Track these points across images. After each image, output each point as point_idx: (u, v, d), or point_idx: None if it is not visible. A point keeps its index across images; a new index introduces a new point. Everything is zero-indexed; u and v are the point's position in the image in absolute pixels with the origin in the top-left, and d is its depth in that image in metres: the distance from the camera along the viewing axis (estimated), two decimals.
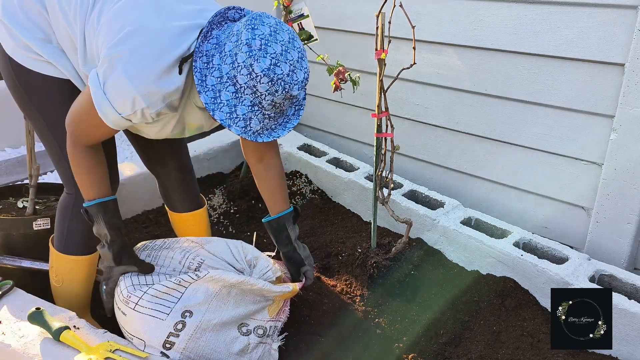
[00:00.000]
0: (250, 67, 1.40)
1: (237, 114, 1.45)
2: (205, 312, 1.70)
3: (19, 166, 3.39)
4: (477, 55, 2.47)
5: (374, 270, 2.19)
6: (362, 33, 2.82)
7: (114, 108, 1.50)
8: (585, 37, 2.13)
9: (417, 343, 1.94)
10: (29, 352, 1.60)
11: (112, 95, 1.49)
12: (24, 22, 1.66)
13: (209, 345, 1.69)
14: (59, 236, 1.86)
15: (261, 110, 1.46)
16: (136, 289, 1.72)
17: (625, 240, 2.19)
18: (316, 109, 3.30)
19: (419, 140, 2.82)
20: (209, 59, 1.46)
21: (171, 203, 2.18)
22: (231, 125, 1.46)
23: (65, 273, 1.88)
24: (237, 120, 1.46)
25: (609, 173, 2.17)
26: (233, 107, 1.45)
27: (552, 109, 2.31)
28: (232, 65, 1.42)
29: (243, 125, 1.46)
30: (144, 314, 1.67)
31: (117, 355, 1.57)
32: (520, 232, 2.27)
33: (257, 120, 1.47)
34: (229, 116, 1.45)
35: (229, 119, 1.45)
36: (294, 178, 2.94)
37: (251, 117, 1.46)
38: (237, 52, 1.41)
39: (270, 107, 1.46)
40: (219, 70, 1.44)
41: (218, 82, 1.45)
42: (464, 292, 2.15)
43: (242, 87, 1.43)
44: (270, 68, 1.40)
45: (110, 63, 1.47)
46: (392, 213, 2.17)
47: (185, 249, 1.92)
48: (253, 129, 1.48)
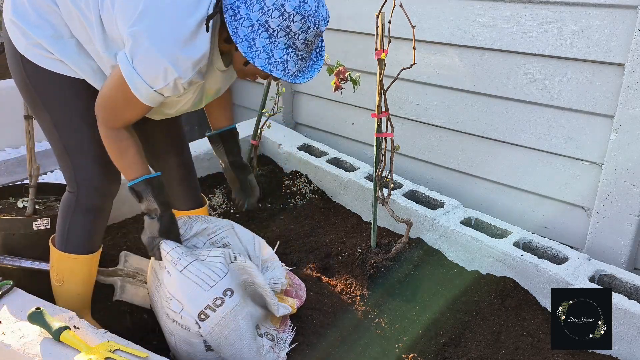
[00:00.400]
0: (282, 8, 1.45)
1: (274, 58, 1.50)
2: (241, 297, 1.74)
3: (19, 166, 3.39)
4: (477, 55, 2.47)
5: (374, 270, 2.19)
6: (362, 33, 2.82)
7: (146, 83, 1.53)
8: (585, 37, 2.13)
9: (417, 343, 1.94)
10: (29, 352, 1.60)
11: (143, 70, 1.52)
12: (35, 21, 1.67)
13: (237, 331, 1.71)
14: (60, 235, 1.86)
15: (295, 52, 1.51)
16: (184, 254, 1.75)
17: (625, 240, 2.19)
18: (316, 109, 3.30)
19: (419, 140, 2.82)
20: (235, 11, 1.48)
21: (172, 201, 2.17)
22: (272, 70, 1.50)
23: (66, 272, 1.88)
24: (276, 64, 1.50)
25: (609, 173, 2.17)
26: (270, 52, 1.49)
27: (552, 109, 2.31)
28: (261, 11, 1.45)
29: (282, 68, 1.51)
30: (190, 279, 1.70)
31: (117, 355, 1.57)
32: (520, 232, 2.27)
33: (292, 62, 1.53)
34: (267, 61, 1.49)
35: (268, 64, 1.49)
36: (294, 178, 2.94)
37: (287, 60, 1.51)
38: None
39: (303, 47, 1.52)
40: (249, 20, 1.47)
41: (250, 31, 1.47)
42: (464, 292, 2.15)
43: (275, 31, 1.47)
44: (300, 5, 1.46)
45: (134, 40, 1.50)
46: (392, 213, 2.17)
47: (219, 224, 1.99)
48: (290, 71, 1.54)
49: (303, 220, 2.64)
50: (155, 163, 2.11)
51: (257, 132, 2.84)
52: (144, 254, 2.32)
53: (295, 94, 3.38)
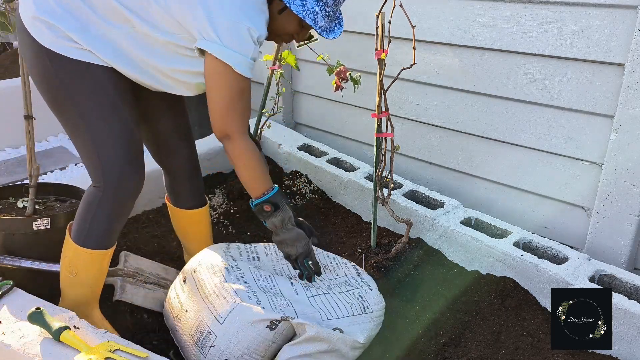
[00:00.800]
0: None
1: (307, 7, 1.66)
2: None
3: (19, 166, 3.39)
4: (477, 55, 2.47)
5: (374, 270, 2.19)
6: (362, 33, 2.82)
7: (242, 55, 1.63)
8: (585, 37, 2.13)
9: (417, 343, 1.94)
10: (29, 352, 1.60)
11: (234, 43, 1.62)
12: (61, 14, 1.68)
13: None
14: (79, 229, 1.83)
15: (324, 7, 1.67)
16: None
17: (625, 240, 2.19)
18: (316, 109, 3.30)
19: (419, 140, 2.82)
20: None
21: (178, 198, 2.17)
22: (305, 16, 1.66)
23: (80, 266, 1.86)
24: (308, 13, 1.66)
25: (609, 173, 2.17)
26: (304, 0, 1.65)
27: (552, 109, 2.31)
28: None
29: (313, 17, 1.67)
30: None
31: (117, 355, 1.57)
32: (520, 232, 2.27)
33: (322, 15, 1.68)
34: (302, 8, 1.66)
35: (302, 11, 1.66)
36: (294, 178, 2.94)
37: (317, 12, 1.67)
38: None
39: (332, 3, 1.69)
40: None
41: None
42: (464, 292, 2.15)
43: None
44: None
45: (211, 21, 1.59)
46: (392, 213, 2.17)
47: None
48: (319, 24, 1.69)
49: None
50: (165, 158, 2.11)
51: (257, 132, 2.84)
52: (144, 254, 2.32)
53: (295, 94, 3.38)
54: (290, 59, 2.55)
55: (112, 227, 1.83)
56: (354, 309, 1.89)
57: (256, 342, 1.70)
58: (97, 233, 1.83)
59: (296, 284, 1.96)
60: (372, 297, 1.98)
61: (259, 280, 1.93)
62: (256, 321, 1.71)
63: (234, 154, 1.76)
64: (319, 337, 1.68)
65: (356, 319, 1.87)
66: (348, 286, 2.00)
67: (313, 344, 1.68)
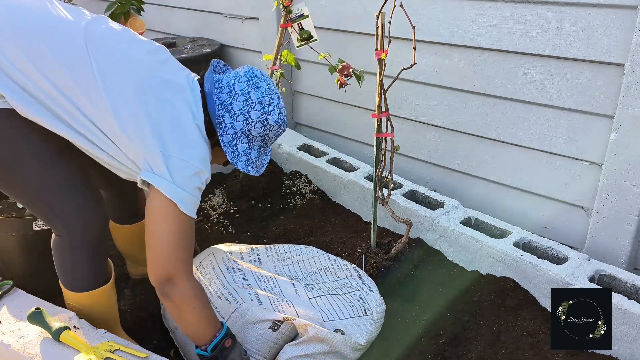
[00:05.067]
0: (265, 121, 1.65)
1: (251, 159, 1.69)
2: None
3: None
4: (477, 56, 2.47)
5: (374, 270, 2.19)
6: (362, 33, 2.82)
7: (190, 194, 1.54)
8: (585, 37, 2.13)
9: (417, 343, 1.94)
10: (29, 352, 1.60)
11: (183, 182, 1.53)
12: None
13: None
14: (64, 276, 1.75)
15: (265, 149, 1.74)
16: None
17: (625, 240, 2.19)
18: (316, 109, 3.30)
19: (419, 140, 2.82)
20: (220, 120, 1.64)
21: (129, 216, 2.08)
22: (250, 170, 1.68)
23: (86, 308, 1.78)
24: (251, 164, 1.69)
25: (609, 173, 2.17)
26: (248, 154, 1.68)
27: (552, 109, 2.31)
28: (245, 122, 1.64)
29: (255, 166, 1.70)
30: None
31: (117, 355, 1.57)
32: (520, 232, 2.27)
33: (261, 158, 1.74)
34: (247, 163, 1.68)
35: (248, 166, 1.68)
36: (294, 178, 2.94)
37: (258, 157, 1.71)
38: (249, 110, 1.63)
39: (270, 144, 1.75)
40: (233, 128, 1.64)
41: (233, 138, 1.65)
42: (464, 292, 2.15)
43: (255, 137, 1.67)
44: (279, 117, 1.68)
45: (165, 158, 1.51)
46: (392, 213, 2.17)
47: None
48: (258, 165, 1.72)
49: (303, 220, 2.64)
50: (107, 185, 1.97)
51: None
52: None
53: (295, 94, 3.38)
54: (290, 59, 2.55)
55: (95, 264, 1.74)
56: (355, 311, 1.89)
57: (259, 343, 1.70)
58: (82, 276, 1.73)
59: (297, 284, 1.96)
60: (372, 300, 1.98)
61: (260, 281, 1.93)
62: (258, 321, 1.72)
63: (182, 300, 1.55)
64: (320, 337, 1.68)
65: (357, 321, 1.87)
66: (349, 288, 2.00)
67: (314, 345, 1.69)
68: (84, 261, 1.72)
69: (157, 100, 1.55)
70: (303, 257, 2.18)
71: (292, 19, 2.48)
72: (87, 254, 1.70)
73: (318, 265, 2.14)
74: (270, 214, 2.72)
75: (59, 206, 1.64)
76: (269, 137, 1.70)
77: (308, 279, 2.06)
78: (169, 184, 1.51)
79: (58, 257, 1.73)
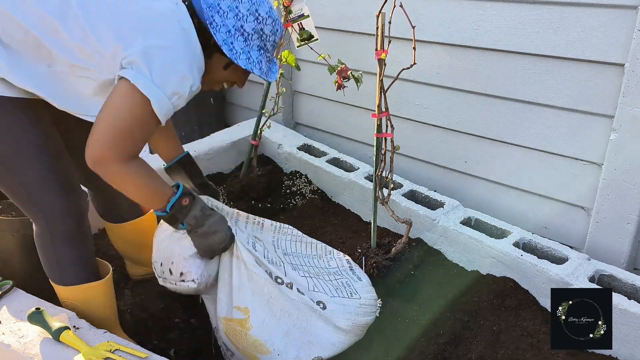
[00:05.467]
0: (256, 12, 1.59)
1: (252, 59, 1.61)
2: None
3: None
4: (477, 55, 2.47)
5: (374, 270, 2.19)
6: (362, 33, 2.82)
7: (166, 96, 1.49)
8: (585, 37, 2.13)
9: (417, 343, 1.94)
10: (29, 352, 1.60)
11: (162, 82, 1.48)
12: None
13: None
14: (51, 270, 1.75)
15: (265, 53, 1.65)
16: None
17: (625, 240, 2.19)
18: (316, 109, 3.30)
19: (419, 140, 2.82)
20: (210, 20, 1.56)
21: (118, 213, 2.07)
22: (253, 68, 1.61)
23: (82, 305, 1.77)
24: (254, 64, 1.62)
25: (609, 173, 2.17)
26: (247, 53, 1.60)
27: (552, 109, 2.31)
28: (236, 17, 1.57)
29: (259, 67, 1.63)
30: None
31: (117, 355, 1.57)
32: (520, 232, 2.27)
33: (264, 62, 1.65)
34: (248, 61, 1.60)
35: (249, 64, 1.60)
36: (294, 178, 2.94)
37: (261, 60, 1.64)
38: (237, 5, 1.57)
39: (271, 49, 1.67)
40: (225, 26, 1.57)
41: (227, 36, 1.57)
42: (464, 292, 2.15)
43: (250, 34, 1.59)
44: (270, 10, 1.62)
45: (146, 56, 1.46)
46: (392, 213, 2.17)
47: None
48: (264, 70, 1.65)
49: (303, 220, 2.64)
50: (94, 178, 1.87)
51: (257, 132, 2.84)
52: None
53: (295, 94, 3.38)
54: (290, 59, 2.55)
55: (79, 254, 1.73)
56: (339, 293, 1.87)
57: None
58: (68, 267, 1.73)
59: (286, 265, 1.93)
60: (361, 287, 1.95)
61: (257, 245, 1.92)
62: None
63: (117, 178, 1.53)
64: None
65: (342, 300, 1.84)
66: (337, 276, 1.98)
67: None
68: (67, 250, 1.71)
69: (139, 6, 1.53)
70: (302, 239, 2.15)
71: (292, 19, 2.48)
72: (69, 242, 1.71)
73: (314, 251, 2.12)
74: (270, 214, 2.72)
75: (39, 192, 1.64)
76: (266, 35, 1.62)
77: (300, 259, 2.04)
78: (147, 80, 1.45)
79: (42, 250, 1.74)
